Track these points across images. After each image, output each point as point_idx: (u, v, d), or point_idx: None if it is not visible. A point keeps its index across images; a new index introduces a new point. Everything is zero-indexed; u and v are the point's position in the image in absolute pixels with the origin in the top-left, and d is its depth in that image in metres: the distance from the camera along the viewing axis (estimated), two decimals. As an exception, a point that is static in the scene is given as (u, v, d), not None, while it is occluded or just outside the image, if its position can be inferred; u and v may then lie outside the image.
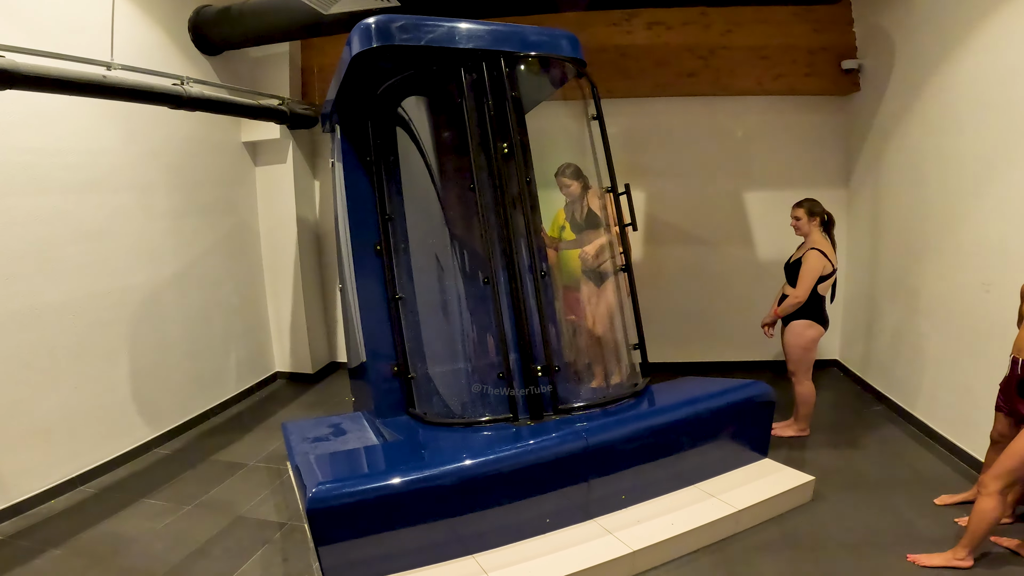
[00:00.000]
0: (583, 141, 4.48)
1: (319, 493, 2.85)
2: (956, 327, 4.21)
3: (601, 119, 4.19)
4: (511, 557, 3.10)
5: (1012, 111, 3.63)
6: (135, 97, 4.09)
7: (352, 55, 3.57)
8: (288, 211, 6.34)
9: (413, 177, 4.25)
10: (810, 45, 5.69)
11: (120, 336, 4.62)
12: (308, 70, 6.43)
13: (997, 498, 2.89)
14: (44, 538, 3.60)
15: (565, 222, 5.15)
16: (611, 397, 3.89)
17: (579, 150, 4.61)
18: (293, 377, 6.62)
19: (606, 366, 4.31)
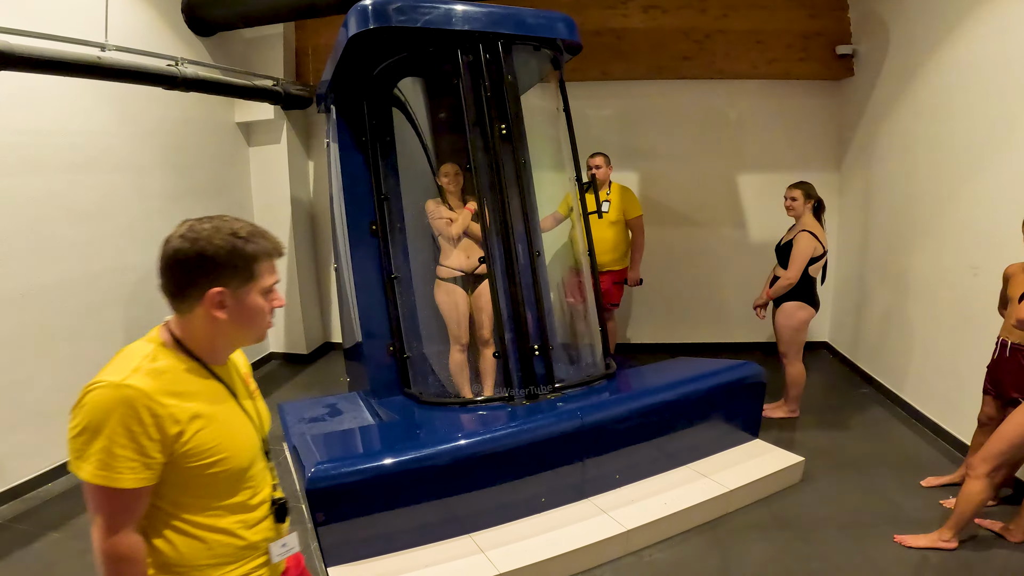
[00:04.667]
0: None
1: (317, 473, 2.88)
2: (944, 310, 4.27)
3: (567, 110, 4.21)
4: (507, 536, 3.15)
5: (1003, 98, 3.66)
6: (130, 78, 4.06)
7: (348, 36, 3.55)
8: (282, 191, 6.33)
9: (409, 157, 4.26)
10: (805, 30, 5.70)
11: (115, 317, 4.61)
12: (302, 51, 6.38)
13: (985, 480, 2.95)
14: (43, 521, 3.62)
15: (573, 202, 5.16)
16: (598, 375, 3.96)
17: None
18: (287, 358, 6.64)
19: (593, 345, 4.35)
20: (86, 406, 1.32)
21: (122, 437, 1.30)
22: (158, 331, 1.47)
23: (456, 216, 3.98)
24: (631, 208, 5.31)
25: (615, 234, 5.26)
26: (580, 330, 4.43)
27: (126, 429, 1.30)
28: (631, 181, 6.25)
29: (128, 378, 1.33)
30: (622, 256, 5.37)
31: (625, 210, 5.28)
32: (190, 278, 1.38)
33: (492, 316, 3.91)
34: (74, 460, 1.32)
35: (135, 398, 1.31)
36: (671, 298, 6.48)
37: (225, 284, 1.38)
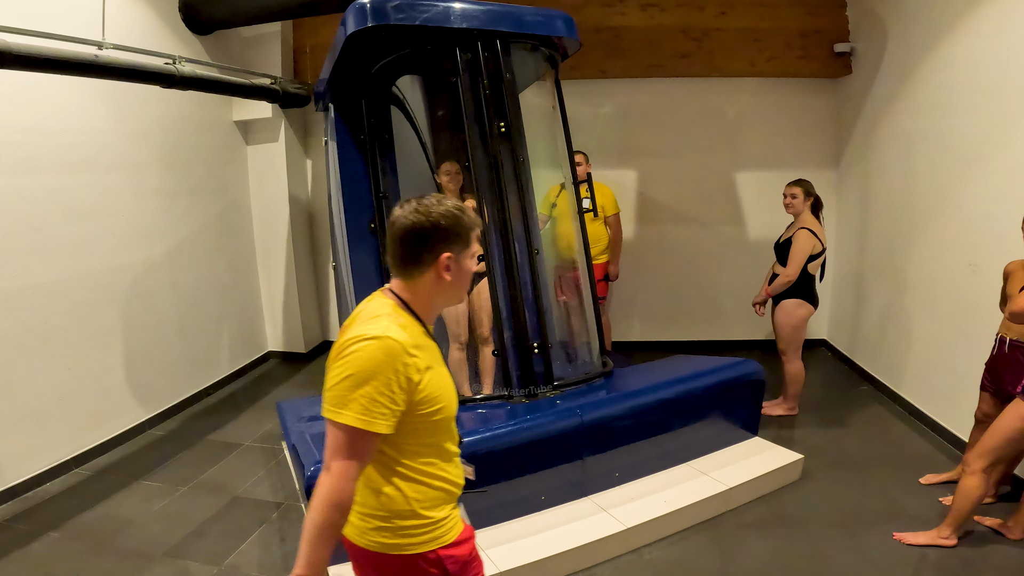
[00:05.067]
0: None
1: (317, 472, 2.87)
2: (942, 307, 4.27)
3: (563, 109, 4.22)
4: (507, 534, 3.15)
5: (1001, 96, 3.66)
6: (127, 76, 4.05)
7: (347, 34, 3.54)
8: (280, 190, 6.31)
9: (407, 155, 4.25)
10: (803, 28, 5.69)
11: (113, 316, 4.60)
12: (300, 49, 6.36)
13: (980, 476, 2.96)
14: (41, 521, 3.61)
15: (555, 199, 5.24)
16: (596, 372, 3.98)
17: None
18: (286, 356, 6.64)
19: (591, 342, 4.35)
20: (353, 356, 1.50)
21: (383, 385, 1.49)
22: (382, 295, 1.68)
23: None
24: (609, 205, 5.43)
25: (596, 229, 5.35)
26: (576, 328, 4.43)
27: (386, 378, 1.49)
28: (629, 179, 6.26)
29: (388, 331, 1.52)
30: (603, 251, 5.46)
31: (603, 207, 5.37)
32: (427, 246, 1.59)
33: (491, 314, 3.91)
34: (333, 408, 1.51)
35: (396, 350, 1.51)
36: (670, 296, 6.48)
37: (451, 250, 1.61)
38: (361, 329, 1.53)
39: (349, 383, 1.48)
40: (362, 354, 1.49)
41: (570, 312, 4.50)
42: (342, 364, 1.51)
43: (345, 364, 1.50)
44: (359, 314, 1.63)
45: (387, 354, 1.49)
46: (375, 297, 1.68)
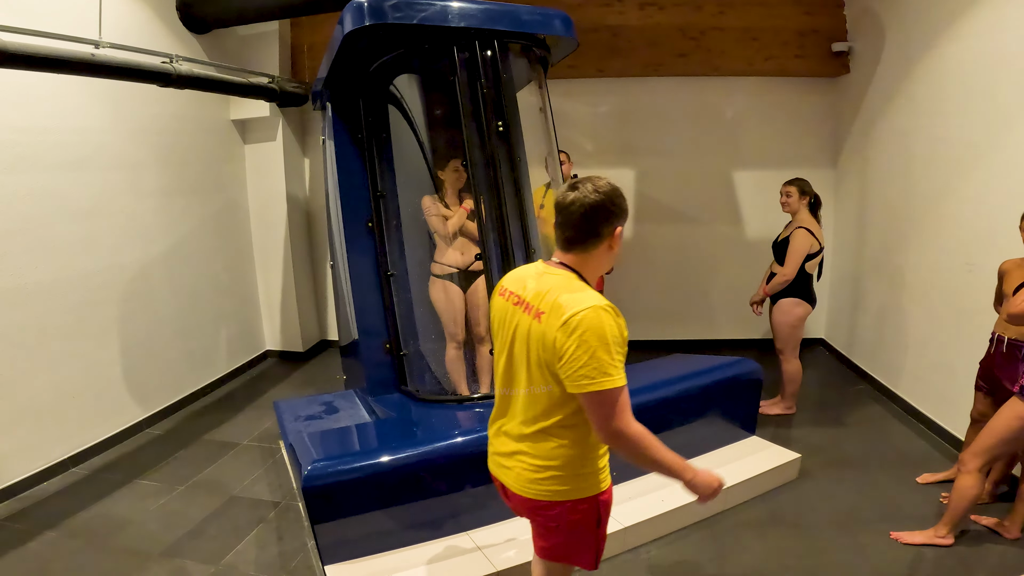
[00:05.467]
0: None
1: (314, 471, 2.88)
2: (939, 307, 4.28)
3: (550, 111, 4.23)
4: (505, 533, 3.14)
5: (998, 96, 3.67)
6: (124, 75, 4.04)
7: (344, 33, 3.53)
8: (278, 189, 6.31)
9: (405, 154, 4.24)
10: (801, 27, 5.69)
11: (110, 315, 4.60)
12: (298, 48, 6.35)
13: (976, 476, 2.96)
14: (38, 520, 3.61)
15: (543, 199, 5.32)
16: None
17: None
18: (283, 355, 6.63)
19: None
20: (589, 329, 1.70)
21: (616, 345, 1.73)
22: (552, 268, 1.90)
23: (452, 214, 3.98)
24: None
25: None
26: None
27: (615, 337, 1.73)
28: (627, 178, 6.26)
29: (598, 300, 1.75)
30: None
31: None
32: (608, 222, 1.82)
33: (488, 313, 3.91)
34: (597, 379, 1.70)
35: (612, 313, 1.75)
36: (667, 295, 6.48)
37: (621, 224, 1.86)
38: (573, 306, 1.73)
39: (595, 355, 1.69)
40: (590, 325, 1.70)
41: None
42: (576, 342, 1.70)
43: (580, 340, 1.70)
44: (551, 288, 1.82)
45: (610, 319, 1.73)
46: (553, 273, 1.88)
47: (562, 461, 1.88)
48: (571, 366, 1.72)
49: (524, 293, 1.91)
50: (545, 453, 1.89)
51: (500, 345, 2.03)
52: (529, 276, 1.94)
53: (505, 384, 2.03)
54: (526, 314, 1.87)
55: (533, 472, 1.91)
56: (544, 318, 1.79)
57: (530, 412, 1.91)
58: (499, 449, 2.07)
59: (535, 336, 1.83)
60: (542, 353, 1.81)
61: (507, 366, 2.00)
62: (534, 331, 1.83)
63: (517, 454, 1.96)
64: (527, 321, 1.86)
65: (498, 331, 2.03)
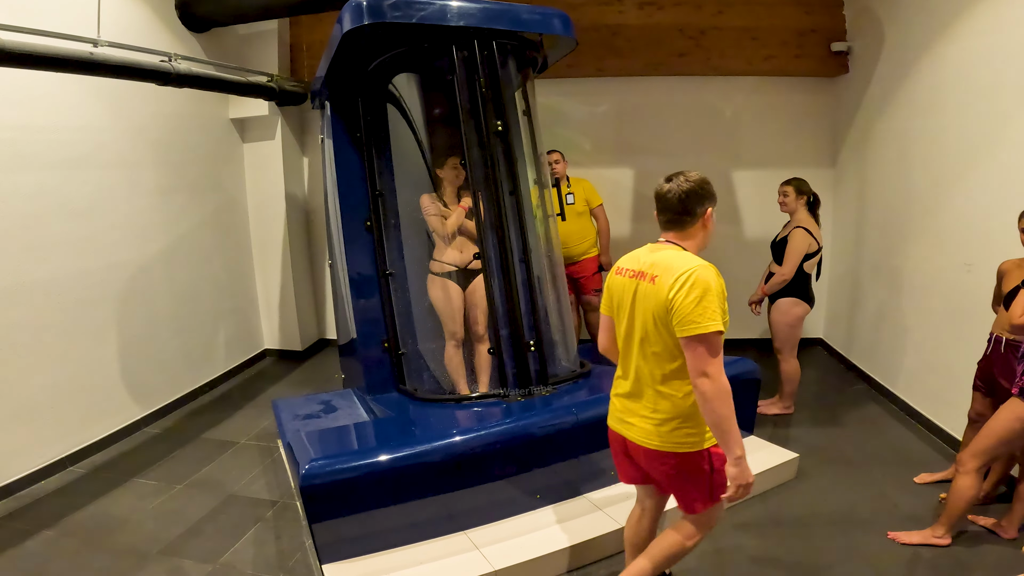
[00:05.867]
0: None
1: (312, 470, 2.87)
2: (937, 307, 4.28)
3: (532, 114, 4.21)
4: (502, 533, 3.15)
5: (997, 95, 3.67)
6: (122, 74, 4.04)
7: (343, 32, 3.53)
8: (276, 188, 6.31)
9: (403, 153, 4.24)
10: (800, 27, 5.69)
11: (108, 314, 4.60)
12: (297, 47, 6.35)
13: (974, 476, 2.96)
14: (36, 519, 3.61)
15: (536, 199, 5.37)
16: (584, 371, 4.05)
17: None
18: (282, 354, 6.63)
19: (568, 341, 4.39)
20: (693, 283, 2.05)
21: (717, 296, 2.07)
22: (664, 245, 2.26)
23: (450, 213, 3.97)
24: (593, 197, 5.50)
25: (584, 224, 5.46)
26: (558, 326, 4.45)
27: (718, 291, 2.08)
28: (626, 177, 6.27)
29: (703, 262, 2.12)
30: (593, 244, 5.54)
31: (588, 200, 5.46)
32: (701, 204, 2.21)
33: (486, 311, 3.91)
34: (698, 324, 2.03)
35: (715, 271, 2.11)
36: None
37: (712, 206, 2.25)
38: (682, 266, 2.10)
39: (703, 302, 2.04)
40: (703, 278, 2.05)
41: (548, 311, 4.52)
42: (687, 292, 2.04)
43: (689, 290, 2.04)
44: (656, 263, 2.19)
45: (713, 274, 2.09)
46: (661, 248, 2.25)
47: (680, 413, 2.20)
48: (680, 313, 2.06)
49: (639, 266, 2.27)
50: (661, 407, 2.23)
51: (620, 316, 2.35)
52: (642, 253, 2.31)
53: (626, 348, 2.35)
54: (643, 281, 2.22)
55: (656, 425, 2.24)
56: (658, 280, 2.14)
57: (651, 370, 2.24)
58: (622, 407, 2.40)
59: (651, 297, 2.17)
60: (658, 310, 2.14)
61: (628, 332, 2.32)
62: (650, 293, 2.18)
63: (640, 410, 2.30)
64: (644, 286, 2.21)
65: (618, 305, 2.37)
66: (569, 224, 5.37)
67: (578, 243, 5.41)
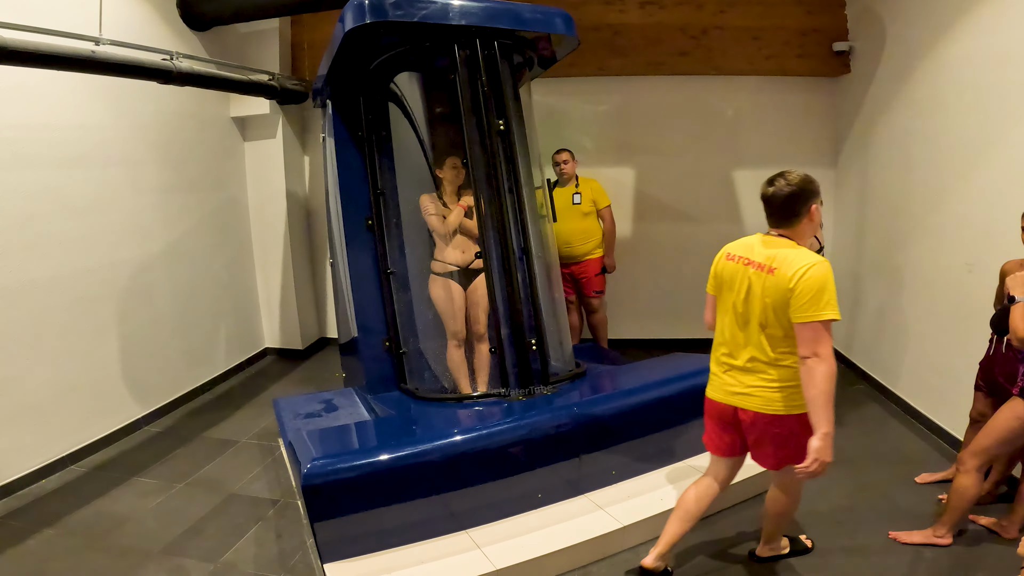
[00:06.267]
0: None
1: (313, 469, 2.88)
2: (939, 307, 4.27)
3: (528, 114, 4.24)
4: (503, 532, 3.15)
5: (999, 95, 3.66)
6: (124, 72, 4.04)
7: (345, 31, 3.53)
8: (278, 186, 6.31)
9: (405, 152, 4.24)
10: (802, 26, 5.69)
11: (109, 312, 4.59)
12: (298, 46, 6.35)
13: (975, 475, 2.95)
14: (37, 518, 3.61)
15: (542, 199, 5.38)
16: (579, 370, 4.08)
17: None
18: (283, 353, 6.63)
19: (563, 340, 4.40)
20: (813, 276, 2.32)
21: (832, 290, 2.34)
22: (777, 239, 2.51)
23: (449, 212, 3.97)
24: (600, 198, 5.49)
25: (589, 224, 5.46)
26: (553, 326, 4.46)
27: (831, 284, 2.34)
28: (627, 176, 6.26)
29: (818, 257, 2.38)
30: (598, 245, 5.52)
31: (595, 200, 5.45)
32: (805, 203, 2.45)
33: (487, 311, 3.91)
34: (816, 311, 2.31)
35: (828, 266, 2.37)
36: (667, 294, 6.48)
37: (816, 202, 2.48)
38: (800, 261, 2.36)
39: (820, 293, 2.31)
40: (821, 272, 2.33)
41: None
42: (807, 284, 2.32)
43: (810, 283, 2.31)
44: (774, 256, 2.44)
45: (829, 269, 2.35)
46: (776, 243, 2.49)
47: (795, 381, 2.45)
48: (799, 301, 2.33)
49: (754, 256, 2.53)
50: (781, 375, 2.50)
51: (730, 298, 2.63)
52: (755, 244, 2.57)
53: (738, 329, 2.62)
54: (759, 271, 2.47)
55: (773, 392, 2.52)
56: (777, 272, 2.40)
57: (767, 345, 2.51)
58: (735, 381, 2.65)
59: (770, 286, 2.43)
60: (776, 298, 2.41)
61: (744, 314, 2.57)
62: (768, 283, 2.43)
63: (757, 381, 2.56)
64: (761, 276, 2.46)
65: (728, 288, 2.65)
66: (574, 223, 5.37)
67: (582, 243, 5.41)
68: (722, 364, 2.74)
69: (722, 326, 2.73)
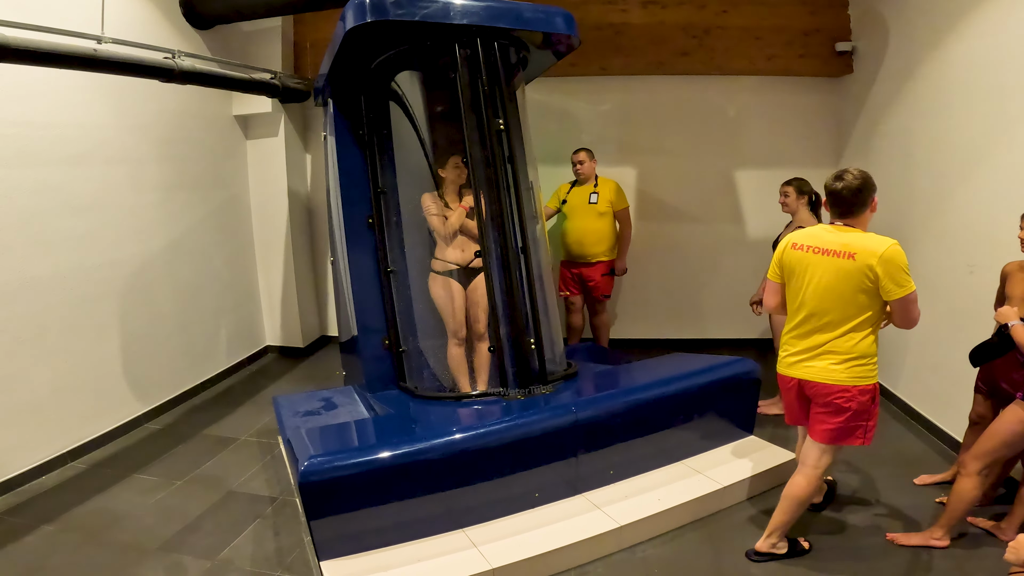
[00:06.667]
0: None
1: (311, 466, 2.87)
2: (940, 308, 4.25)
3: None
4: (500, 531, 3.15)
5: (1001, 96, 3.65)
6: (126, 70, 4.04)
7: (346, 30, 3.53)
8: (279, 184, 6.32)
9: (406, 151, 4.24)
10: (804, 26, 5.68)
11: (110, 310, 4.61)
12: (300, 44, 6.36)
13: (976, 479, 2.95)
14: (36, 514, 3.62)
15: (565, 196, 5.51)
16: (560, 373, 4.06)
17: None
18: (284, 351, 6.64)
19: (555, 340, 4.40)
20: (896, 255, 2.66)
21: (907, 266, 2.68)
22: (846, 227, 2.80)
23: (451, 212, 3.98)
24: (618, 200, 5.47)
25: (604, 226, 5.43)
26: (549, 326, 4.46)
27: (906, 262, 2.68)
28: (629, 176, 6.25)
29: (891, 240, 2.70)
30: (610, 248, 5.50)
31: (613, 202, 5.43)
32: (869, 195, 2.78)
33: (487, 310, 3.91)
34: (907, 286, 2.67)
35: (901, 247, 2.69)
36: (669, 293, 6.48)
37: (875, 195, 2.81)
38: (880, 245, 2.67)
39: (902, 271, 2.66)
40: (896, 253, 2.66)
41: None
42: (891, 266, 2.64)
43: (894, 263, 2.65)
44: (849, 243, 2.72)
45: (902, 250, 2.68)
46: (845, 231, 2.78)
47: (858, 354, 2.78)
48: (888, 282, 2.65)
49: (825, 244, 2.78)
50: (847, 348, 2.79)
51: (800, 283, 2.87)
52: (825, 233, 2.83)
53: (811, 307, 2.84)
54: (836, 257, 2.75)
55: (837, 364, 2.80)
56: (858, 256, 2.68)
57: (838, 321, 2.79)
58: (803, 354, 2.91)
59: (849, 270, 2.71)
60: (857, 280, 2.70)
61: (818, 295, 2.81)
62: (847, 267, 2.71)
63: (824, 354, 2.83)
64: (837, 262, 2.74)
65: (797, 274, 2.89)
66: (588, 223, 5.38)
67: (594, 243, 5.41)
68: (792, 343, 2.97)
69: (792, 309, 2.97)
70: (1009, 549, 2.12)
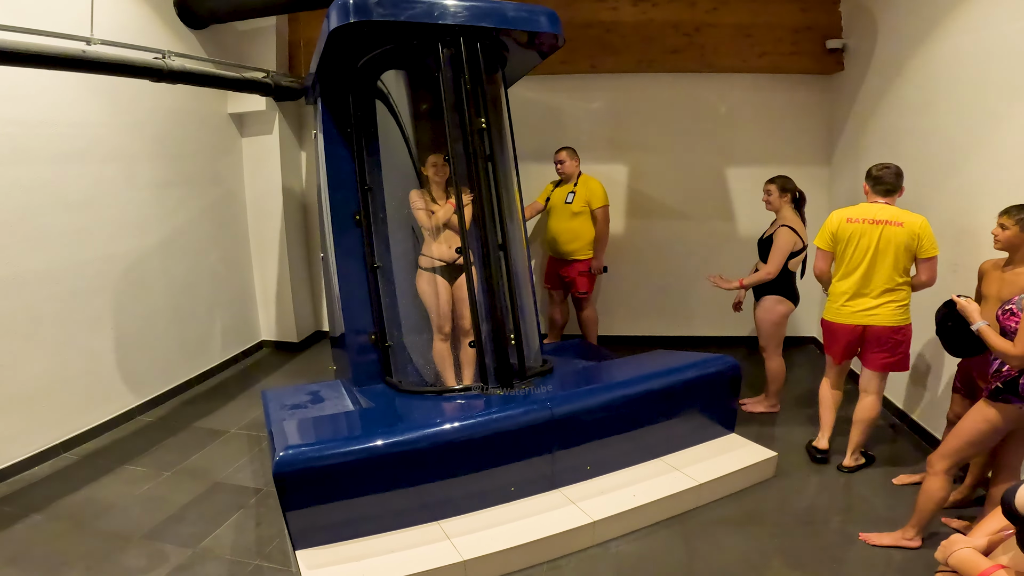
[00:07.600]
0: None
1: (286, 457, 2.92)
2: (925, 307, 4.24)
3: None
4: (475, 524, 3.20)
5: (984, 93, 3.65)
6: (115, 71, 4.05)
7: (330, 29, 3.57)
8: (274, 181, 6.38)
9: (391, 148, 4.28)
10: (795, 24, 5.67)
11: (104, 304, 4.68)
12: (295, 43, 6.41)
13: (943, 478, 2.96)
14: (26, 504, 3.69)
15: (549, 194, 5.58)
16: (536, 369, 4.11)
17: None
18: (278, 346, 6.71)
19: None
20: (927, 224, 3.50)
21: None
22: (884, 204, 3.61)
23: (437, 208, 4.01)
24: (595, 198, 5.44)
25: (578, 225, 5.44)
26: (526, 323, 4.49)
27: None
28: (620, 173, 6.28)
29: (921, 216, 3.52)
30: (586, 246, 5.50)
31: (589, 200, 5.42)
32: (902, 180, 3.63)
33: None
34: (935, 250, 3.52)
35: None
36: (658, 291, 6.50)
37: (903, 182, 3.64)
38: (917, 217, 3.51)
39: (932, 237, 3.50)
40: (927, 223, 3.50)
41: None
42: (927, 231, 3.50)
43: (928, 230, 3.50)
44: (895, 215, 3.54)
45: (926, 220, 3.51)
46: (886, 207, 3.59)
47: (907, 301, 3.64)
48: (925, 244, 3.49)
49: (878, 216, 3.55)
50: (900, 297, 3.61)
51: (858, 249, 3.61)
52: (874, 208, 3.60)
53: (867, 269, 3.60)
54: (889, 226, 3.51)
55: (895, 309, 3.62)
56: (905, 224, 3.49)
57: (895, 276, 3.57)
58: (865, 305, 3.65)
59: (900, 235, 3.49)
60: (907, 242, 3.49)
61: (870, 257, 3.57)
62: (898, 233, 3.50)
63: (885, 303, 3.61)
64: (891, 229, 3.51)
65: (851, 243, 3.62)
66: (562, 223, 5.42)
67: (567, 242, 5.45)
68: (847, 294, 3.69)
69: (846, 270, 3.67)
70: (940, 547, 2.13)
